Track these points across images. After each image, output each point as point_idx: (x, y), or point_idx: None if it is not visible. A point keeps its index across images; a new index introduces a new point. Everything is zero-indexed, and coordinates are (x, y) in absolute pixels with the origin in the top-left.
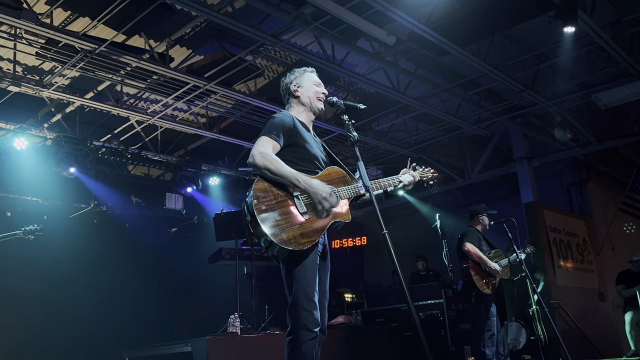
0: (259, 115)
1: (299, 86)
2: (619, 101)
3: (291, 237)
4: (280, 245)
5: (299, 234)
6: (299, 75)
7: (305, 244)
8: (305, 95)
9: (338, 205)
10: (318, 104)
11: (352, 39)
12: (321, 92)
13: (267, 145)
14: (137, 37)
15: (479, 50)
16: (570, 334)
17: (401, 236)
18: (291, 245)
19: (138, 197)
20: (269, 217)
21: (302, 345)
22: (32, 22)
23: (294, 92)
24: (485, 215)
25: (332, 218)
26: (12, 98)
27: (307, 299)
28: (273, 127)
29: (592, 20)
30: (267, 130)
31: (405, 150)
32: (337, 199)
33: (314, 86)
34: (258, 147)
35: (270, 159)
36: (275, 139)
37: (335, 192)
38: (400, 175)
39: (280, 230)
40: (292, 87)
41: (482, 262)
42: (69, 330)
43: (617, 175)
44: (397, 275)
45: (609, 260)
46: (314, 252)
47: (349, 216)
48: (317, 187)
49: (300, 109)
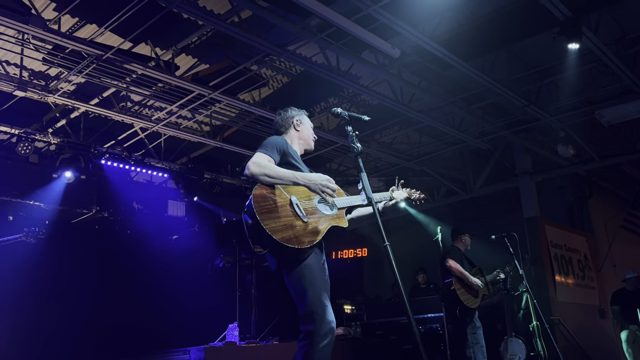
0: (263, 124)
1: (301, 123)
2: (622, 118)
3: (292, 236)
4: (282, 242)
5: (300, 234)
6: (300, 115)
7: (306, 243)
8: (305, 133)
9: (335, 214)
10: (312, 144)
11: (357, 50)
12: (313, 138)
13: (262, 157)
14: (143, 44)
15: (483, 65)
16: (570, 351)
17: (402, 248)
18: (292, 243)
19: (140, 204)
20: (271, 219)
21: (317, 353)
22: (40, 28)
23: (296, 125)
24: (467, 236)
25: (329, 223)
26: (18, 102)
27: (322, 305)
28: (267, 145)
29: (596, 37)
30: (261, 147)
31: (408, 162)
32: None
33: (311, 129)
34: (253, 159)
35: (265, 165)
36: (269, 154)
37: (331, 201)
38: (391, 192)
39: (281, 230)
40: (295, 122)
41: (464, 277)
42: (67, 336)
43: (619, 192)
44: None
45: (610, 277)
46: (317, 258)
47: (346, 222)
48: (315, 177)
49: (295, 141)
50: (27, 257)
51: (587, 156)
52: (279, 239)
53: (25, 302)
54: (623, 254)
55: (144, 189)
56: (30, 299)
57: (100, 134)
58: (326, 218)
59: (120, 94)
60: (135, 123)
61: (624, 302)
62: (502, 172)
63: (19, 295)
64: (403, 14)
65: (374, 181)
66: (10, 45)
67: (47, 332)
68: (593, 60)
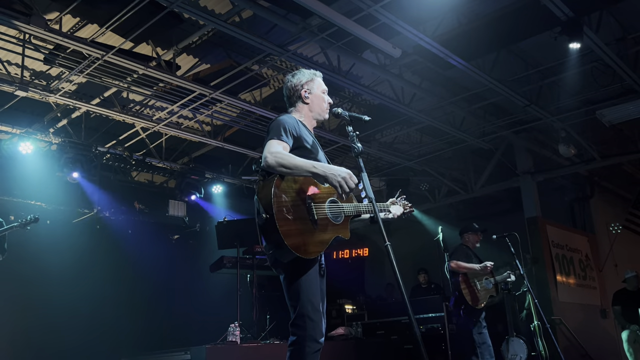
0: (264, 124)
1: (310, 92)
2: (624, 118)
3: (302, 244)
4: (290, 249)
5: (309, 241)
6: (309, 80)
7: (312, 254)
8: (315, 103)
9: (340, 222)
10: (325, 114)
11: (358, 50)
12: (328, 102)
13: (277, 146)
14: (144, 44)
15: (484, 65)
16: (571, 351)
17: (403, 248)
18: (301, 252)
19: (141, 204)
20: (285, 220)
21: (306, 357)
22: (42, 28)
23: (304, 97)
24: (470, 233)
25: (334, 232)
26: (19, 103)
27: (314, 310)
28: (279, 129)
29: (598, 37)
30: (273, 133)
31: (409, 162)
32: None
33: (322, 94)
34: (268, 148)
35: (282, 156)
36: (284, 139)
37: (342, 208)
38: (390, 205)
39: (294, 235)
40: (304, 93)
41: (470, 271)
42: (67, 335)
43: (620, 191)
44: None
45: (611, 277)
46: (316, 264)
47: (348, 233)
48: (335, 169)
49: (305, 114)
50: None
51: (589, 156)
52: (290, 244)
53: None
54: (625, 253)
55: (145, 189)
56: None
57: (102, 133)
58: (333, 227)
59: (122, 94)
60: (136, 123)
61: (624, 302)
62: (503, 172)
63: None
64: (404, 13)
65: (375, 181)
66: (11, 46)
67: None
68: (594, 60)
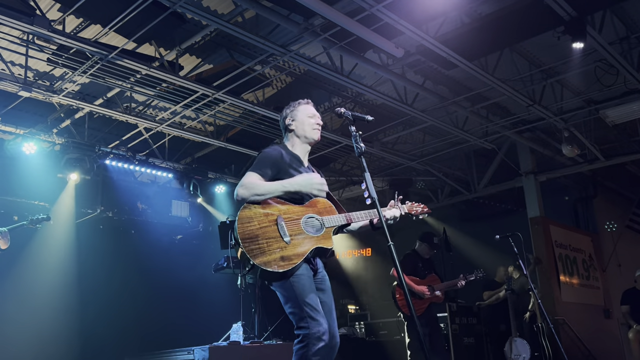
0: (267, 124)
1: (293, 120)
2: (627, 117)
3: (271, 260)
4: (261, 267)
5: (279, 257)
6: (294, 109)
7: (284, 266)
8: (299, 128)
9: (321, 234)
10: (313, 134)
11: (361, 50)
12: (315, 123)
13: (251, 177)
14: (147, 45)
15: (487, 64)
16: (575, 351)
17: (406, 248)
18: (271, 267)
19: (144, 204)
20: (252, 242)
21: (312, 356)
22: (45, 29)
23: (288, 125)
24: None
25: (313, 244)
26: (22, 103)
27: (313, 309)
28: (258, 163)
29: (601, 36)
30: (253, 166)
31: (412, 162)
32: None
33: (307, 118)
34: (241, 181)
35: (251, 185)
36: (259, 172)
37: (320, 220)
38: (386, 210)
39: (260, 253)
40: (287, 121)
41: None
42: (71, 335)
43: (624, 191)
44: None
45: (615, 277)
46: (303, 269)
47: (331, 243)
48: (304, 180)
49: (295, 141)
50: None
51: (592, 156)
52: (258, 262)
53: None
54: (628, 253)
55: (148, 189)
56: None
57: (105, 134)
58: (311, 239)
59: (125, 94)
60: (139, 123)
61: (634, 302)
62: (506, 172)
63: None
64: (407, 13)
65: (378, 181)
66: (15, 46)
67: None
68: (597, 59)
